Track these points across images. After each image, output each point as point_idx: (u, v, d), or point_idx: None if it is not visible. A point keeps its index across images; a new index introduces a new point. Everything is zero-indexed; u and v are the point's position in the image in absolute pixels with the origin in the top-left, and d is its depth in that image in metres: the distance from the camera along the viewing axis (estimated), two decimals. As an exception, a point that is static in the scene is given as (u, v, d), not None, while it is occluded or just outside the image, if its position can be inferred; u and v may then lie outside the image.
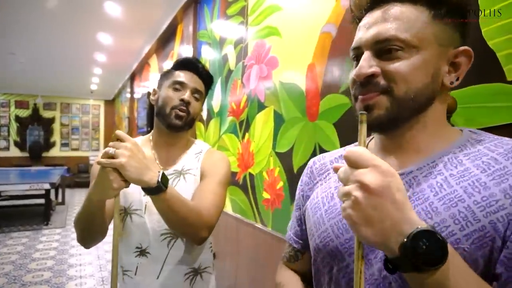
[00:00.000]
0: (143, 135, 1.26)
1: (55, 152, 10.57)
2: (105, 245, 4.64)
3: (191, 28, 3.25)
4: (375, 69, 0.52)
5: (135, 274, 1.03)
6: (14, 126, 10.05)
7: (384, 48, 0.52)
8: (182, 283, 1.06)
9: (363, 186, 0.40)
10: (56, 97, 10.52)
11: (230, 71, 2.44)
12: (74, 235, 5.09)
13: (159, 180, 0.82)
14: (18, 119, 10.09)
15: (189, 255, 1.07)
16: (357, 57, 0.56)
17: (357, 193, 0.40)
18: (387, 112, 0.52)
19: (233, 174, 2.29)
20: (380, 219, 0.39)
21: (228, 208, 2.39)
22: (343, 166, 0.44)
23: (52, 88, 9.34)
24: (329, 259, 0.59)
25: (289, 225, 0.81)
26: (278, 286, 0.74)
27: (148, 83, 5.54)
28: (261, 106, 1.98)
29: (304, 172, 0.76)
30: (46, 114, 10.48)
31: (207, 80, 1.20)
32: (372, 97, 0.53)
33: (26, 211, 6.38)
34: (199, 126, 3.09)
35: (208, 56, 2.91)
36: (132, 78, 6.94)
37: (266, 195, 1.89)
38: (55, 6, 3.65)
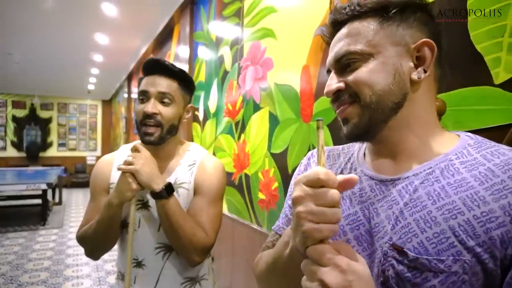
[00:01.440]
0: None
1: (52, 152, 10.54)
2: (102, 245, 4.64)
3: (187, 28, 3.26)
4: (338, 84, 0.56)
5: (134, 283, 1.06)
6: (11, 126, 10.02)
7: (343, 64, 0.56)
8: None
9: (324, 286, 0.41)
10: (53, 97, 10.50)
11: (226, 72, 2.45)
12: (71, 236, 5.10)
13: (163, 187, 0.95)
14: (15, 119, 10.06)
15: (185, 265, 1.06)
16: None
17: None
18: (360, 119, 0.54)
19: (229, 174, 2.30)
20: None
21: (224, 209, 2.40)
22: (305, 261, 0.45)
23: (49, 88, 9.32)
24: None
25: (279, 217, 0.79)
26: (260, 256, 0.71)
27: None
28: (256, 107, 2.00)
29: (302, 162, 0.76)
30: (43, 114, 10.46)
31: (180, 75, 1.06)
32: (344, 110, 0.56)
33: (23, 212, 6.36)
34: (196, 126, 3.10)
35: (205, 57, 2.92)
36: (130, 78, 6.94)
37: (261, 196, 1.90)
38: (52, 6, 3.65)
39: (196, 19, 3.18)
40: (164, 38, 4.31)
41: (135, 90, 6.48)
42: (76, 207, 7.33)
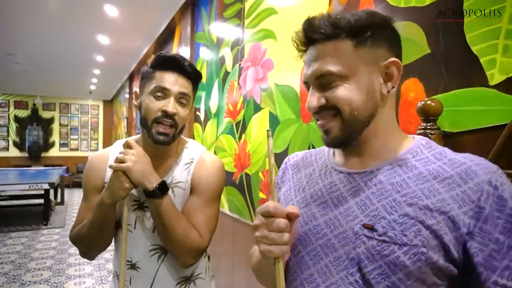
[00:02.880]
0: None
1: (54, 152, 10.58)
2: (104, 244, 4.66)
3: (188, 29, 3.28)
4: (321, 101, 0.61)
5: (130, 284, 1.03)
6: (13, 126, 10.07)
7: (323, 81, 0.61)
8: None
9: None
10: (55, 97, 10.54)
11: (227, 73, 2.47)
12: (73, 235, 5.08)
13: (157, 185, 0.91)
14: (17, 119, 10.11)
15: (180, 267, 1.03)
16: (308, 88, 0.65)
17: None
18: (341, 132, 0.62)
19: (230, 174, 2.32)
20: None
21: (225, 208, 2.42)
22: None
23: (51, 88, 9.35)
24: (297, 243, 0.65)
25: None
26: (253, 251, 0.79)
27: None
28: (257, 108, 2.02)
29: (281, 167, 0.84)
30: (45, 114, 10.50)
31: (195, 78, 1.04)
32: (327, 123, 0.62)
33: (25, 211, 6.40)
34: (197, 127, 3.12)
35: (206, 58, 2.94)
36: (131, 78, 6.97)
37: (262, 195, 1.92)
38: (54, 7, 3.67)
39: (197, 20, 3.20)
40: (165, 39, 4.34)
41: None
42: (78, 207, 7.32)
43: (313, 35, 0.61)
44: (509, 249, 0.51)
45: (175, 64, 0.99)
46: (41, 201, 5.94)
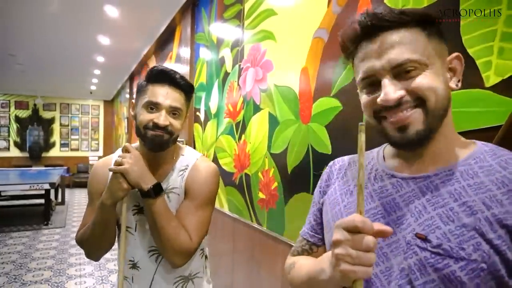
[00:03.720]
0: None
1: (55, 152, 10.60)
2: (105, 244, 4.68)
3: (189, 30, 3.29)
4: (402, 92, 0.56)
5: (132, 281, 1.10)
6: (14, 126, 10.09)
7: (401, 71, 0.56)
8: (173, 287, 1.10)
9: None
10: (56, 97, 10.56)
11: (227, 74, 2.48)
12: (74, 235, 5.13)
13: (151, 186, 0.97)
14: (18, 119, 10.13)
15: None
16: (371, 84, 0.60)
17: None
18: (424, 126, 0.56)
19: (230, 174, 2.33)
20: None
21: (225, 208, 2.43)
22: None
23: (51, 88, 9.37)
24: None
25: (305, 223, 0.83)
26: (293, 263, 0.76)
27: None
28: (256, 108, 2.03)
29: (325, 171, 0.81)
30: (46, 114, 10.52)
31: (187, 90, 1.08)
32: (407, 116, 0.56)
33: (26, 211, 6.42)
34: (197, 127, 3.13)
35: (206, 58, 2.95)
36: (131, 78, 6.98)
37: (261, 195, 1.93)
38: (56, 8, 3.68)
39: (197, 21, 3.21)
40: (166, 39, 4.35)
41: (137, 91, 6.51)
42: (78, 207, 7.37)
43: (379, 22, 0.57)
44: None
45: (167, 77, 1.03)
46: (42, 201, 5.96)
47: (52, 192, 6.45)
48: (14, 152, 10.09)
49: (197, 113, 3.12)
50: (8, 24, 4.19)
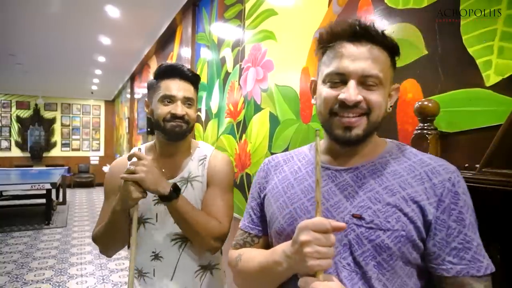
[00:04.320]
0: (143, 135, 1.30)
1: (56, 152, 10.62)
2: (106, 244, 4.69)
3: (189, 30, 3.29)
4: (361, 97, 0.67)
5: (154, 275, 1.13)
6: (15, 126, 10.11)
7: (365, 81, 0.67)
8: (192, 280, 1.14)
9: None
10: (57, 97, 10.57)
11: (227, 73, 2.48)
12: (75, 235, 5.18)
13: (171, 189, 0.98)
14: (19, 119, 10.15)
15: (199, 254, 1.14)
16: (339, 81, 0.69)
17: None
18: (364, 132, 0.69)
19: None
20: None
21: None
22: (303, 280, 0.60)
23: (53, 88, 9.39)
24: (292, 236, 0.69)
25: (243, 216, 0.91)
26: (239, 256, 0.82)
27: (148, 84, 5.58)
28: (257, 108, 2.03)
29: (260, 169, 0.90)
30: (47, 114, 10.54)
31: (195, 80, 1.17)
32: (357, 120, 0.68)
33: (27, 211, 6.43)
34: (198, 127, 3.14)
35: (207, 58, 2.95)
36: (132, 79, 6.99)
37: (262, 195, 1.94)
38: (56, 8, 3.69)
39: (198, 21, 3.21)
40: (167, 39, 4.36)
41: (137, 91, 6.53)
42: (79, 207, 7.38)
43: (366, 33, 0.67)
44: (458, 234, 0.63)
45: (177, 72, 1.12)
46: (43, 201, 5.97)
47: (53, 192, 6.46)
48: (16, 152, 10.11)
49: (198, 113, 3.13)
50: (9, 24, 4.21)
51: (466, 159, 0.89)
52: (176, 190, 1.00)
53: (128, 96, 7.39)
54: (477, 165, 0.81)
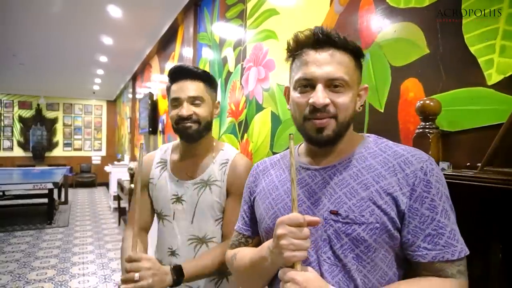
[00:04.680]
0: (145, 135, 1.33)
1: (58, 152, 10.65)
2: (108, 244, 4.70)
3: (191, 30, 3.30)
4: (328, 100, 0.71)
5: None
6: (17, 126, 10.14)
7: (332, 84, 0.71)
8: (208, 283, 1.15)
9: None
10: (59, 97, 10.60)
11: (229, 73, 2.49)
12: (77, 234, 5.20)
13: (174, 277, 0.97)
14: (21, 119, 10.18)
15: None
16: (305, 86, 0.73)
17: None
18: (333, 133, 0.73)
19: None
20: None
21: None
22: (280, 271, 0.66)
23: (54, 88, 9.41)
24: None
25: (238, 219, 0.96)
26: (234, 255, 0.88)
27: (150, 84, 5.60)
28: (259, 108, 2.03)
29: (250, 174, 0.95)
30: (49, 114, 10.57)
31: (204, 77, 1.16)
32: (326, 122, 0.72)
33: (29, 210, 6.44)
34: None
35: (208, 58, 2.96)
36: (134, 78, 7.00)
37: (264, 194, 1.94)
38: (58, 9, 3.71)
39: (200, 21, 3.22)
40: (168, 39, 4.36)
41: (139, 91, 6.55)
42: (81, 207, 7.40)
43: (327, 39, 0.71)
44: (431, 221, 0.66)
45: (183, 72, 1.13)
46: (45, 200, 5.98)
47: (56, 191, 6.48)
48: (18, 152, 10.15)
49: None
50: (11, 24, 4.22)
51: (467, 158, 0.90)
52: (179, 277, 0.98)
53: (130, 96, 7.41)
54: (479, 164, 0.81)
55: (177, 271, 0.99)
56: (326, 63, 0.71)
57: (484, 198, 0.79)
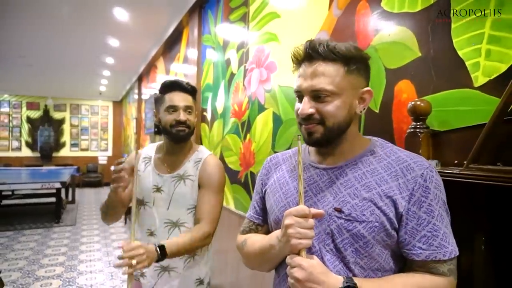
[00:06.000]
0: (150, 135, 1.46)
1: (65, 152, 10.79)
2: (114, 242, 4.79)
3: (196, 32, 3.36)
4: (312, 110, 0.78)
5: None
6: (25, 127, 10.30)
7: (317, 95, 0.77)
8: (178, 260, 1.36)
9: (296, 279, 0.69)
10: (66, 98, 10.75)
11: (232, 74, 2.54)
12: (84, 233, 5.30)
13: (158, 254, 1.14)
14: (29, 120, 10.34)
15: None
16: (299, 97, 0.81)
17: (294, 282, 0.70)
18: (321, 136, 0.80)
19: (236, 172, 2.39)
20: None
21: (231, 206, 2.50)
22: (288, 257, 0.73)
23: (62, 90, 9.56)
24: None
25: (249, 207, 1.04)
26: (244, 240, 0.96)
27: (155, 85, 5.68)
28: (261, 108, 2.09)
29: (263, 167, 1.02)
30: (56, 115, 10.72)
31: (192, 92, 1.41)
32: (312, 127, 0.79)
33: (37, 210, 6.57)
34: (204, 127, 3.20)
35: (212, 59, 3.02)
36: (140, 79, 7.09)
37: (266, 193, 1.99)
38: (66, 11, 3.79)
39: (204, 23, 3.28)
40: (173, 41, 4.43)
41: (145, 91, 6.63)
42: (88, 206, 7.51)
43: (314, 53, 0.77)
44: (428, 224, 0.72)
45: (177, 86, 1.37)
46: (53, 199, 6.10)
47: (63, 191, 6.58)
48: (26, 152, 10.31)
49: (204, 113, 3.20)
50: (20, 27, 4.32)
51: (456, 156, 0.94)
52: (162, 253, 1.16)
53: (136, 96, 7.50)
54: (466, 162, 0.86)
55: (161, 249, 1.16)
56: (311, 76, 0.77)
57: (469, 193, 0.84)
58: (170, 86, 1.38)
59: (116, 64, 6.29)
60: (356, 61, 0.78)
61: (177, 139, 1.37)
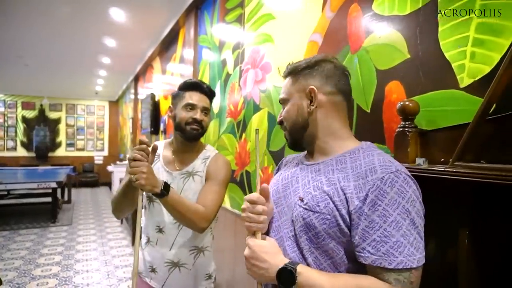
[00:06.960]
0: (147, 135, 1.46)
1: (61, 152, 10.76)
2: (110, 241, 4.79)
3: (192, 32, 3.39)
4: (279, 118, 0.95)
5: (156, 244, 1.38)
6: (21, 126, 10.26)
7: (282, 103, 0.95)
8: (188, 256, 1.38)
9: (245, 256, 0.82)
10: (62, 98, 10.72)
11: (228, 75, 2.57)
12: (80, 232, 5.30)
13: (162, 188, 1.16)
14: (24, 120, 10.30)
15: (193, 236, 1.38)
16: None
17: (245, 258, 0.82)
18: (289, 139, 0.95)
19: (232, 172, 2.42)
20: (258, 268, 0.79)
21: (227, 204, 2.53)
22: (247, 237, 0.85)
23: (58, 89, 9.53)
24: (277, 215, 0.91)
25: None
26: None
27: (152, 85, 5.69)
28: (256, 108, 2.12)
29: (278, 164, 1.12)
30: (52, 115, 10.68)
31: (211, 95, 1.47)
32: (285, 134, 0.95)
33: (34, 209, 6.55)
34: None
35: (208, 60, 3.04)
36: (136, 79, 7.10)
37: (261, 191, 2.02)
38: (63, 11, 3.80)
39: (200, 24, 3.31)
40: (170, 41, 4.45)
41: (141, 91, 6.64)
42: (84, 205, 7.50)
43: (283, 74, 0.96)
44: (379, 228, 0.71)
45: (198, 86, 1.42)
46: (49, 199, 6.09)
47: (59, 191, 6.57)
48: (21, 152, 10.27)
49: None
50: (17, 26, 4.32)
51: (443, 154, 0.97)
52: (166, 188, 1.17)
53: (132, 96, 7.50)
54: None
55: (166, 187, 1.18)
56: (282, 90, 0.96)
57: (454, 190, 0.87)
58: (191, 86, 1.42)
59: (112, 64, 6.29)
60: (303, 69, 0.90)
61: (189, 137, 1.38)
